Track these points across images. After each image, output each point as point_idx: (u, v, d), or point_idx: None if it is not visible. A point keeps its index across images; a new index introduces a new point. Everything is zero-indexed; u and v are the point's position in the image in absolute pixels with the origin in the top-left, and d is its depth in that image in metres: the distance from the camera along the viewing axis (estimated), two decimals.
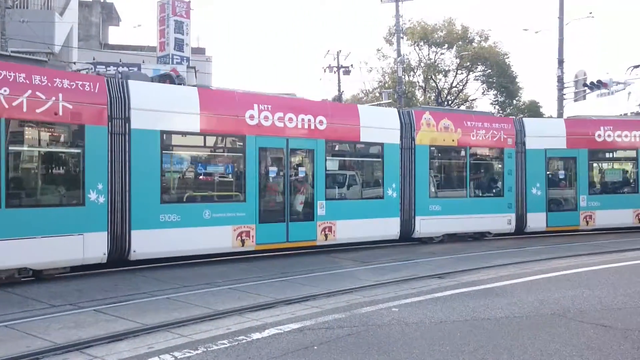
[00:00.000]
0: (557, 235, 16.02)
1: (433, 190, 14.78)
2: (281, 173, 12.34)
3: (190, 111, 11.09)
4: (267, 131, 11.95)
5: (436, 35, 43.93)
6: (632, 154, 16.83)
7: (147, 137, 10.51)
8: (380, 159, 13.88)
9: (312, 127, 12.60)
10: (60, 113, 9.42)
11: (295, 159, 12.89)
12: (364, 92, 51.15)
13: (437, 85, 45.79)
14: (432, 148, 14.61)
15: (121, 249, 10.18)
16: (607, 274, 9.31)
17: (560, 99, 26.68)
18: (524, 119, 16.57)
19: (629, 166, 17.22)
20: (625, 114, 18.80)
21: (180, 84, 11.89)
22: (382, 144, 13.83)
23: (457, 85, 46.39)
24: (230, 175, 11.99)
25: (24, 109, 9.01)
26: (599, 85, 24.29)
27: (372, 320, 6.45)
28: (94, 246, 9.72)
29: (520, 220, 15.74)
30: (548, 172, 16.09)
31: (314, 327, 6.15)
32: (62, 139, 10.01)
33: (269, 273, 10.26)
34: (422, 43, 44.60)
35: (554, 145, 16.13)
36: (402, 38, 38.86)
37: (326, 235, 12.79)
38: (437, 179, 15.19)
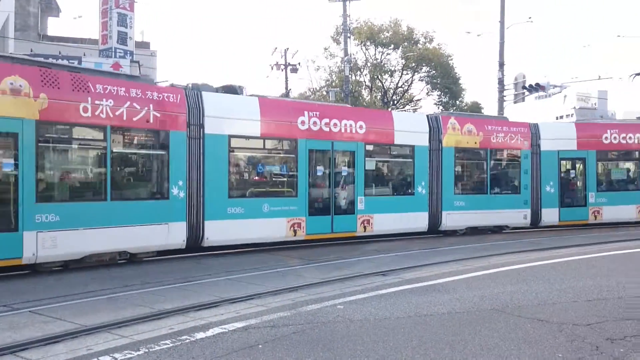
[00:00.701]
0: (561, 229, 17.30)
1: (457, 187, 16.35)
2: (327, 172, 13.99)
3: (252, 118, 12.79)
4: (316, 135, 13.67)
5: (382, 36, 44.45)
6: (635, 154, 18.46)
7: (218, 140, 12.18)
8: (411, 160, 15.55)
9: (354, 131, 14.28)
10: (151, 121, 11.17)
11: (339, 159, 14.42)
12: (312, 90, 51.22)
13: (383, 85, 46.34)
14: (457, 149, 16.23)
15: (196, 237, 11.88)
16: (543, 270, 9.65)
17: (501, 100, 27.49)
18: (538, 123, 18.07)
19: (632, 166, 18.72)
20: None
21: (242, 94, 13.45)
22: (413, 146, 15.52)
23: (403, 86, 47.10)
24: (284, 174, 13.58)
25: (124, 118, 10.76)
26: (537, 88, 25.17)
27: (318, 317, 6.47)
28: (176, 234, 11.48)
29: (536, 215, 17.26)
30: (560, 172, 17.67)
31: (259, 326, 6.12)
32: (152, 143, 11.69)
33: (214, 272, 10.14)
34: (368, 43, 45.04)
35: (565, 147, 17.65)
36: (349, 38, 39.13)
37: (365, 227, 14.41)
38: (461, 177, 16.79)
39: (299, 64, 42.80)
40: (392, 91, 46.48)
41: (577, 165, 17.97)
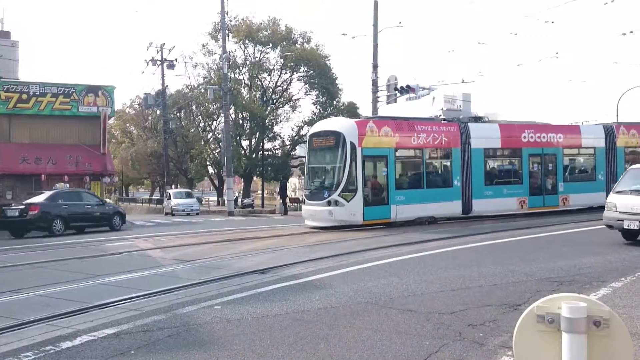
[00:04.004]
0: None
1: None
2: (539, 167, 21.30)
3: (495, 136, 20.52)
4: (532, 145, 21.04)
5: (261, 35, 44.43)
6: None
7: (477, 152, 19.94)
8: (593, 157, 22.68)
9: (555, 140, 21.62)
10: (443, 143, 19.31)
11: (547, 159, 21.53)
12: (189, 87, 50.05)
13: (262, 83, 46.32)
14: (625, 148, 22.93)
15: (467, 209, 19.70)
16: (414, 263, 10.17)
17: (375, 101, 28.56)
18: None
19: None
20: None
21: (485, 122, 21.30)
22: (594, 148, 22.58)
23: (282, 85, 47.40)
24: (514, 170, 21.26)
25: (430, 142, 18.93)
26: (407, 89, 26.45)
27: (194, 319, 6.35)
28: (456, 207, 19.47)
29: None
30: None
31: (131, 331, 5.89)
32: (443, 156, 19.77)
33: (82, 275, 9.61)
34: (247, 41, 44.83)
35: None
36: (228, 35, 38.68)
37: (564, 203, 21.69)
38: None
39: (176, 60, 41.76)
40: (271, 90, 46.62)
41: None
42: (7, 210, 20.39)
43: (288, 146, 48.71)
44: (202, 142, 50.27)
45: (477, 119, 21.21)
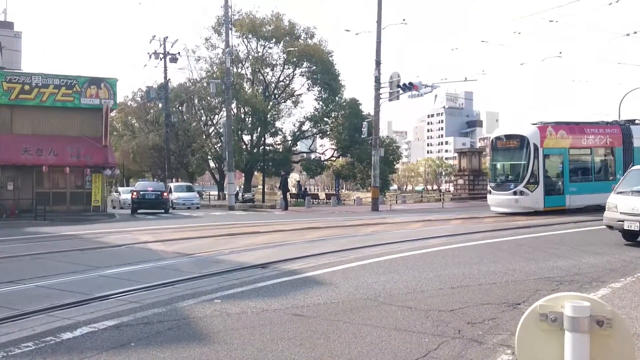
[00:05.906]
0: None
1: None
2: None
3: None
4: None
5: (264, 29, 44.35)
6: None
7: (639, 150, 23.79)
8: None
9: None
10: (608, 143, 23.73)
11: None
12: (192, 81, 49.99)
13: (264, 78, 46.29)
14: None
15: None
16: (414, 260, 10.17)
17: (377, 98, 28.49)
18: None
19: None
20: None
21: (639, 124, 25.39)
22: None
23: (284, 80, 47.34)
24: None
25: (599, 143, 23.67)
26: (410, 87, 26.39)
27: (194, 312, 6.36)
28: None
29: None
30: None
31: (131, 323, 5.90)
32: (606, 153, 23.95)
33: (82, 267, 9.63)
34: (250, 36, 44.76)
35: None
36: (231, 29, 38.62)
37: None
38: None
39: (179, 53, 41.70)
40: (273, 85, 46.59)
41: None
42: (146, 195, 30.13)
43: (289, 141, 48.72)
44: (204, 136, 50.28)
45: (631, 122, 25.27)
